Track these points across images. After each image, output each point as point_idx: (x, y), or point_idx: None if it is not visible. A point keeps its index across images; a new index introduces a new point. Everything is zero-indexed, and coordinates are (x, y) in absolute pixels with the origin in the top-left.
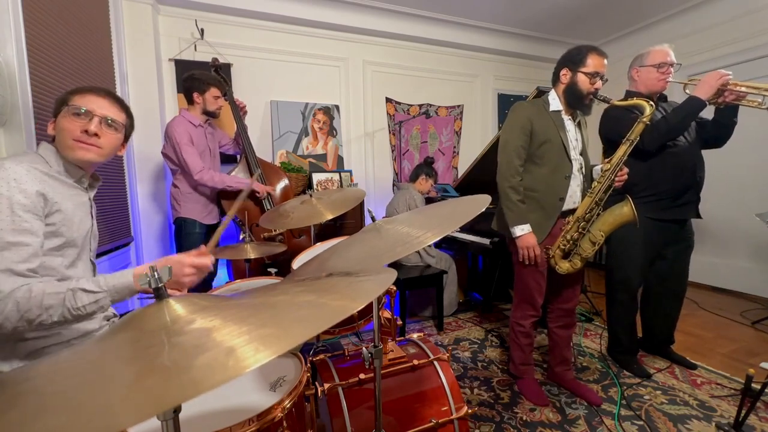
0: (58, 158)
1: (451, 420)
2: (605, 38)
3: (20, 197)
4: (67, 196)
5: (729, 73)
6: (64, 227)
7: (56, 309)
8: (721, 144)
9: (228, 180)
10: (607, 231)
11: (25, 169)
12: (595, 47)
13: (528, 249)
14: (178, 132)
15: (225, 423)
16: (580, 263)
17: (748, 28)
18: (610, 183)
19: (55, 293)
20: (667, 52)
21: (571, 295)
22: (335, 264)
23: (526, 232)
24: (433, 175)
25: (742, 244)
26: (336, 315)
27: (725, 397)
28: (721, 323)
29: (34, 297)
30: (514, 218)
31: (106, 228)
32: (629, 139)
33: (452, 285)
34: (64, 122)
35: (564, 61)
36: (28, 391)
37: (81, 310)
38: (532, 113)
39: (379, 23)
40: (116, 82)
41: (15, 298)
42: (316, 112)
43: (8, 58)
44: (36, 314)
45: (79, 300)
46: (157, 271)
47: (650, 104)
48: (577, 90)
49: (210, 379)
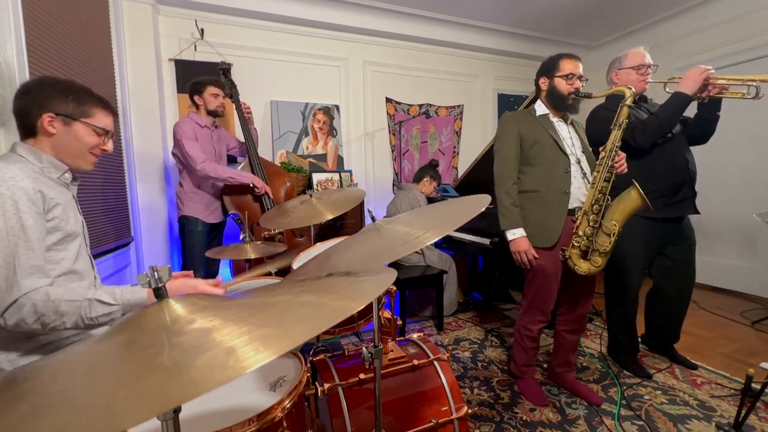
0: (39, 157)
1: (451, 420)
2: (605, 38)
3: (21, 194)
4: (58, 192)
5: (710, 67)
6: (63, 221)
7: (71, 317)
8: (705, 140)
9: (230, 172)
10: (621, 220)
11: (19, 168)
12: (566, 53)
13: (520, 253)
14: (183, 129)
15: (225, 423)
16: (601, 260)
17: (748, 28)
18: (609, 170)
19: (72, 301)
20: (644, 54)
21: (584, 302)
22: (335, 264)
23: (518, 237)
24: (438, 178)
25: (742, 244)
26: (336, 315)
27: (725, 397)
28: (721, 323)
29: (52, 302)
30: (506, 222)
31: (107, 228)
32: (617, 123)
33: (452, 285)
34: (84, 135)
35: (540, 72)
36: (29, 390)
37: (94, 321)
38: (518, 120)
39: (379, 23)
40: (116, 82)
41: (33, 301)
42: (316, 112)
43: (8, 58)
44: (51, 319)
45: (95, 311)
46: (157, 271)
47: (629, 88)
48: (558, 92)
49: (210, 379)
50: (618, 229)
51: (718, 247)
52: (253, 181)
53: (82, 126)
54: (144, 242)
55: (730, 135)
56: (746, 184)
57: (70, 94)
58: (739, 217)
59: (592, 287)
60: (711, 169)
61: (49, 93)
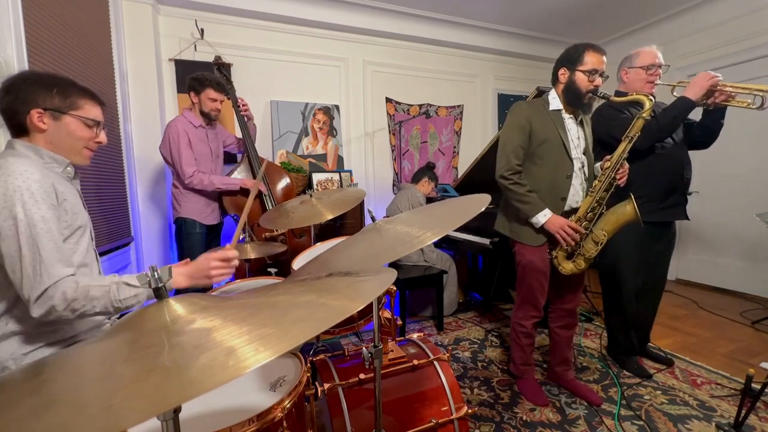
0: (40, 153)
1: (451, 420)
2: (605, 38)
3: (37, 187)
4: (65, 187)
5: (718, 74)
6: (75, 215)
7: (100, 300)
8: (707, 145)
9: (218, 182)
10: (611, 231)
11: (29, 162)
12: (593, 44)
13: (562, 228)
14: (177, 133)
15: (225, 423)
16: (584, 264)
17: (748, 28)
18: (611, 181)
19: (101, 285)
20: (656, 54)
21: (573, 295)
22: (335, 264)
23: (550, 216)
24: (435, 179)
25: (742, 244)
26: (336, 315)
27: (725, 397)
28: (721, 323)
29: (81, 288)
30: (530, 209)
31: (107, 228)
32: (629, 135)
33: (452, 285)
34: (76, 129)
35: (562, 60)
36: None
37: (122, 303)
38: (531, 113)
39: (379, 23)
40: (116, 82)
41: (62, 289)
42: (316, 112)
43: (8, 58)
44: (81, 304)
45: (123, 293)
46: (156, 271)
47: (650, 99)
48: (576, 88)
49: (210, 379)
50: (606, 240)
51: (718, 247)
52: (242, 186)
53: (72, 119)
54: (144, 242)
55: (730, 135)
56: (746, 185)
57: (54, 88)
58: (739, 217)
59: (580, 282)
60: (711, 169)
61: (33, 88)
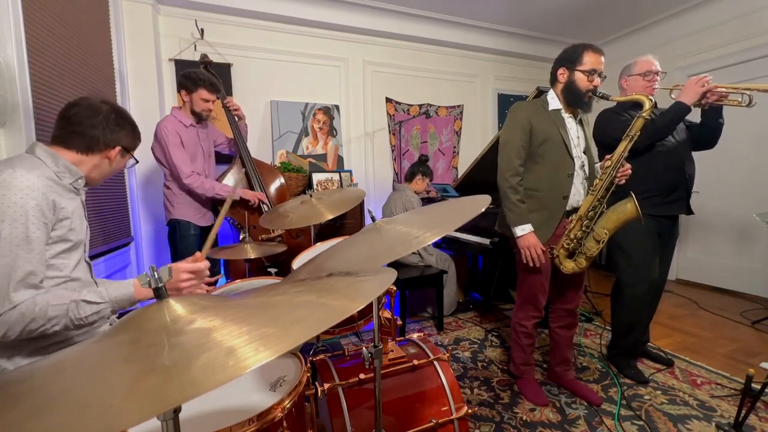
0: (57, 161)
1: (451, 420)
2: (605, 38)
3: (33, 205)
4: (69, 200)
5: (709, 76)
6: (71, 231)
7: (59, 319)
8: (712, 145)
9: (218, 188)
10: (612, 229)
11: (36, 176)
12: (591, 45)
13: (530, 249)
14: (168, 132)
15: (225, 423)
16: (586, 262)
17: (748, 28)
18: (612, 180)
19: (59, 305)
20: (652, 62)
21: (574, 295)
22: (335, 264)
23: (527, 232)
24: (429, 173)
25: (743, 244)
26: (336, 315)
27: (725, 397)
28: (721, 323)
29: (39, 308)
30: (514, 219)
31: (106, 228)
32: (629, 135)
33: (452, 285)
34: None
35: (561, 60)
36: (29, 390)
37: (83, 320)
38: (531, 112)
39: (379, 23)
40: (116, 82)
41: (20, 310)
42: (316, 112)
43: (8, 58)
44: (40, 324)
45: (82, 311)
46: (156, 271)
47: (649, 99)
48: (576, 88)
49: (210, 379)
50: (607, 237)
51: (718, 247)
52: (241, 196)
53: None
54: (143, 243)
55: (730, 135)
56: (746, 184)
57: (129, 127)
58: (739, 217)
59: (581, 281)
60: (711, 169)
61: (122, 125)
